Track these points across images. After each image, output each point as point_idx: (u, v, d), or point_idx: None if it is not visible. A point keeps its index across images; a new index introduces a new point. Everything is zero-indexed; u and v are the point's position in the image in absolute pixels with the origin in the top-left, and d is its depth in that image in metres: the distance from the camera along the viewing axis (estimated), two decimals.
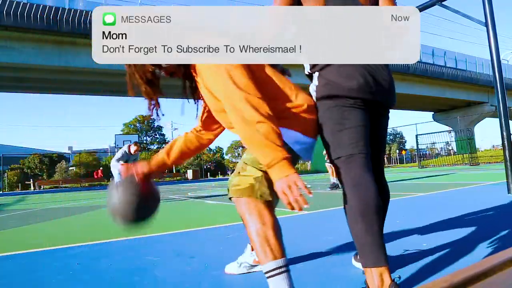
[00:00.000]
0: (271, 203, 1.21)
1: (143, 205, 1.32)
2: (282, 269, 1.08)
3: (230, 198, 1.25)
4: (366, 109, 1.26)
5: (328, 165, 6.55)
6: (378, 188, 1.19)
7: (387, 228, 2.39)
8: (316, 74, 1.34)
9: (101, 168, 34.41)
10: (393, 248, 1.92)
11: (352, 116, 1.23)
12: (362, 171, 1.19)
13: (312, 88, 1.34)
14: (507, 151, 4.28)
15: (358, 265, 1.56)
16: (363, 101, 1.25)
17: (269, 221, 1.14)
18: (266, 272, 1.09)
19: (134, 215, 1.31)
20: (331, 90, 1.26)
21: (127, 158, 6.67)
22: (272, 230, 1.12)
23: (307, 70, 1.39)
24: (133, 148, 6.60)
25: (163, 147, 1.62)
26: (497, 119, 4.49)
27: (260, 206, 1.16)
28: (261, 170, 1.17)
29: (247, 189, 1.17)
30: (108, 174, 23.75)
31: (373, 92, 1.25)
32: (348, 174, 1.21)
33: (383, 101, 1.31)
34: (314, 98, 1.32)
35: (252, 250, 1.64)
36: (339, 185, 7.91)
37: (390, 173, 14.63)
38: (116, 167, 6.78)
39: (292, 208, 1.00)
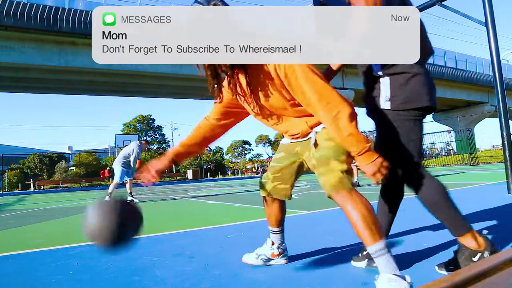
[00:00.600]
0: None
1: (122, 232, 1.25)
2: (386, 249, 1.23)
3: (329, 197, 1.34)
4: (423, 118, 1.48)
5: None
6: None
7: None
8: (386, 80, 1.43)
9: (108, 168, 34.62)
10: (393, 248, 1.92)
11: (418, 128, 1.43)
12: (427, 173, 1.46)
13: (386, 97, 1.43)
14: (507, 151, 4.28)
15: (359, 264, 1.62)
16: (428, 110, 1.43)
17: (369, 206, 1.28)
18: (373, 253, 1.23)
19: (111, 241, 1.26)
20: (407, 105, 1.39)
21: (140, 153, 7.07)
22: (373, 215, 1.26)
23: (377, 72, 1.45)
24: (144, 144, 7.24)
25: (163, 147, 1.67)
26: (497, 119, 4.49)
27: (356, 195, 1.29)
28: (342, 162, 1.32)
29: (339, 184, 1.29)
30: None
31: (435, 100, 1.45)
32: (422, 177, 1.44)
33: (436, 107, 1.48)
34: (381, 104, 1.43)
35: (273, 244, 1.72)
36: (359, 184, 7.92)
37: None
38: (121, 165, 6.86)
39: (379, 182, 1.26)
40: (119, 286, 1.55)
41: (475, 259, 1.41)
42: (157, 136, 49.24)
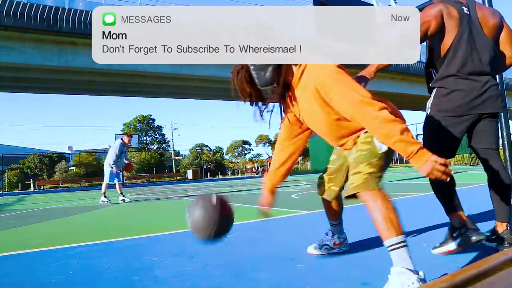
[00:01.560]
0: (383, 189, 1.40)
1: (220, 227, 1.44)
2: (403, 243, 1.29)
3: (347, 197, 1.44)
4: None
5: None
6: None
7: None
8: (434, 91, 1.79)
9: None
10: None
11: (452, 130, 1.75)
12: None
13: (429, 104, 1.82)
14: (507, 151, 4.28)
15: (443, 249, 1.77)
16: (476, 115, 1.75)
17: (390, 204, 1.34)
18: (389, 246, 1.29)
19: (212, 235, 1.41)
20: (441, 113, 1.73)
21: (123, 150, 6.92)
22: (394, 212, 1.33)
23: (431, 84, 1.82)
24: (126, 139, 7.01)
25: (163, 147, 1.68)
26: None
27: (378, 194, 1.36)
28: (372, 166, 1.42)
29: (363, 185, 1.38)
30: (152, 171, 23.43)
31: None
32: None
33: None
34: (426, 109, 1.81)
35: (333, 235, 1.91)
36: None
37: (390, 173, 14.64)
38: (110, 166, 6.83)
39: (446, 179, 1.26)
40: (119, 286, 1.55)
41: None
42: (157, 136, 49.25)
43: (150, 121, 48.91)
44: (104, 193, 6.69)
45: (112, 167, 6.87)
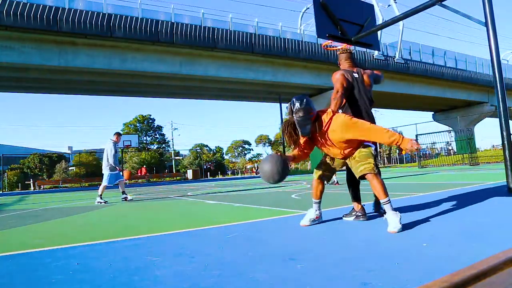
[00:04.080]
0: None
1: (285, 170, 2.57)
2: (389, 200, 2.49)
3: (360, 178, 2.62)
4: None
5: None
6: None
7: (387, 228, 2.39)
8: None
9: (144, 166, 35.28)
10: (393, 248, 1.92)
11: None
12: None
13: None
14: (507, 151, 4.28)
15: (349, 219, 2.95)
16: None
17: (381, 180, 2.56)
18: (383, 202, 2.48)
19: (282, 177, 2.56)
20: None
21: (116, 148, 7.17)
22: (383, 184, 2.53)
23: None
24: (115, 137, 7.21)
25: (163, 147, 1.73)
26: (497, 119, 4.49)
27: (376, 175, 2.56)
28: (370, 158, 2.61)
29: (372, 169, 2.55)
30: (152, 171, 23.55)
31: None
32: None
33: None
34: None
35: (316, 210, 2.86)
36: (338, 182, 8.39)
37: (390, 173, 14.63)
38: (109, 169, 6.90)
39: (417, 150, 2.45)
40: (119, 286, 1.55)
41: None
42: (157, 136, 49.24)
43: (150, 121, 48.90)
44: (101, 195, 6.76)
45: (111, 169, 6.97)
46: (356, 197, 3.00)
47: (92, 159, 40.45)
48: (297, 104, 2.49)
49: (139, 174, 32.39)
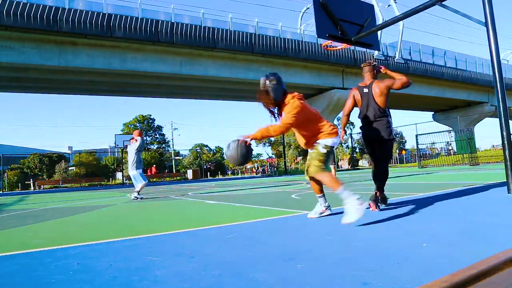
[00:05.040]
0: (325, 170, 2.93)
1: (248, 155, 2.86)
2: (345, 188, 2.67)
3: (309, 177, 3.03)
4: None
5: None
6: None
7: (387, 228, 2.39)
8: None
9: (154, 165, 35.39)
10: (393, 248, 1.92)
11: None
12: None
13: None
14: (507, 151, 4.28)
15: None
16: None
17: (329, 173, 2.88)
18: (339, 193, 2.66)
19: (244, 160, 2.85)
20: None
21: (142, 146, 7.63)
22: (332, 176, 2.84)
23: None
24: (137, 134, 7.71)
25: (163, 147, 1.74)
26: (497, 119, 4.49)
27: (322, 172, 2.87)
28: (319, 161, 2.91)
29: (314, 171, 2.90)
30: (162, 170, 23.73)
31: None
32: None
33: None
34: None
35: (321, 204, 3.19)
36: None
37: (390, 173, 14.58)
38: (137, 167, 7.33)
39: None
40: (119, 286, 1.55)
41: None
42: (157, 136, 49.23)
43: (150, 121, 48.90)
44: (138, 191, 7.30)
45: (138, 167, 7.40)
46: (378, 188, 3.54)
47: (92, 159, 40.44)
48: (271, 76, 2.96)
49: (149, 174, 32.29)
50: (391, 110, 3.58)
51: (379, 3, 23.77)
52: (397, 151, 54.72)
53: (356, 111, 3.69)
